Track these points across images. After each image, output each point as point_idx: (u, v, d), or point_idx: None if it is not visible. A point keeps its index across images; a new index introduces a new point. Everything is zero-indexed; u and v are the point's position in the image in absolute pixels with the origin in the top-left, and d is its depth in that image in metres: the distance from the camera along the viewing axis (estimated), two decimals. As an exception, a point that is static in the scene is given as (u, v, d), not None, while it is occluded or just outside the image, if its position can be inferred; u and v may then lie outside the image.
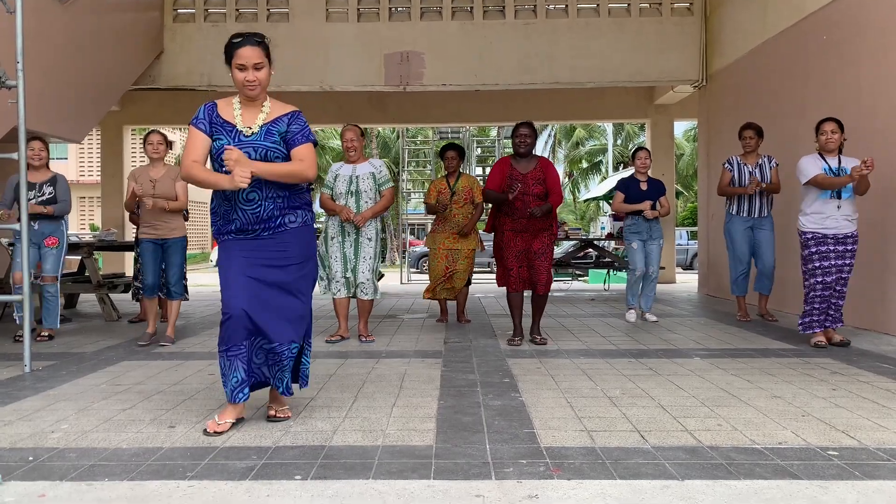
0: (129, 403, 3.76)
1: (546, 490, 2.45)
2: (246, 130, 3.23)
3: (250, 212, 3.23)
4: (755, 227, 6.82)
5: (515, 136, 5.64)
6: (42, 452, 2.91)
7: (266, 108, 3.28)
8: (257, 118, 3.25)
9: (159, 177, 5.81)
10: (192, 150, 3.23)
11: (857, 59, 6.50)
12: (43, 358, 5.15)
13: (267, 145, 3.23)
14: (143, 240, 5.83)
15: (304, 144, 3.26)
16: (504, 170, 5.62)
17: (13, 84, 4.84)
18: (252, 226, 3.24)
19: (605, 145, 32.24)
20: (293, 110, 3.33)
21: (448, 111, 13.32)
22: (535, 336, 5.68)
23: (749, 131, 6.86)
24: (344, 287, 5.81)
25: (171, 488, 2.50)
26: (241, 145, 3.19)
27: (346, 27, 10.27)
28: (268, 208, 3.24)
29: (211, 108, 3.28)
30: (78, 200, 27.74)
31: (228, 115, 3.26)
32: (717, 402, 3.71)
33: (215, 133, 3.25)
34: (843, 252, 5.30)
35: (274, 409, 3.42)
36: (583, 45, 10.20)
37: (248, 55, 3.18)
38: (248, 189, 3.16)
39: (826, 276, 5.30)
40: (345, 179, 5.77)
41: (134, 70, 9.74)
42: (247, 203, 3.22)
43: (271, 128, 3.25)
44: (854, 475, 2.58)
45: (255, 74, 3.19)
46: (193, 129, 3.25)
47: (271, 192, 3.23)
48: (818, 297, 5.34)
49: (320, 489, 2.47)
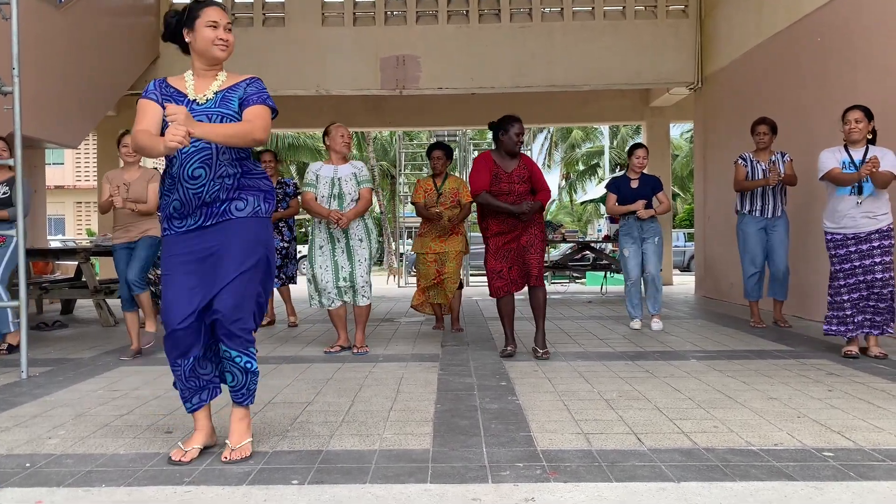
0: (126, 409, 3.77)
1: (542, 493, 2.46)
2: (200, 98, 2.95)
3: (193, 191, 2.86)
4: (768, 227, 6.51)
5: (513, 133, 5.29)
6: (39, 459, 2.91)
7: (221, 77, 3.01)
8: (211, 86, 2.98)
9: (133, 180, 5.56)
10: (141, 118, 2.93)
11: (852, 61, 6.53)
12: (40, 364, 5.14)
13: (222, 111, 2.93)
14: (117, 246, 5.60)
15: (257, 104, 2.93)
16: (489, 167, 5.31)
17: (9, 90, 4.84)
18: (193, 209, 2.89)
19: (601, 147, 32.28)
20: (251, 76, 3.05)
21: (444, 114, 13.34)
22: (539, 349, 5.19)
23: (763, 126, 6.56)
24: (337, 297, 5.54)
25: (167, 494, 2.50)
26: (194, 114, 2.88)
27: (342, 31, 10.29)
28: (212, 189, 2.88)
29: (161, 81, 3.04)
30: (74, 206, 27.75)
31: (180, 86, 3.01)
32: (713, 403, 3.72)
33: (166, 102, 2.94)
34: (870, 251, 4.89)
35: (230, 448, 2.93)
36: (578, 48, 10.23)
37: (221, 14, 2.97)
38: (195, 164, 2.85)
39: (848, 279, 4.96)
40: (327, 181, 5.49)
41: (130, 75, 9.75)
42: (191, 181, 2.86)
43: (228, 93, 2.97)
44: (849, 476, 2.59)
45: (228, 35, 2.96)
46: (143, 100, 2.97)
47: (221, 168, 2.89)
48: (847, 302, 4.97)
49: (317, 494, 2.48)
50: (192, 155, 2.86)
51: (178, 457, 2.89)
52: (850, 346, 5.04)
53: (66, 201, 27.58)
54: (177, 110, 2.66)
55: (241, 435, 2.96)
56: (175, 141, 2.58)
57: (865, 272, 4.91)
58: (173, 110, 2.66)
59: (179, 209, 2.90)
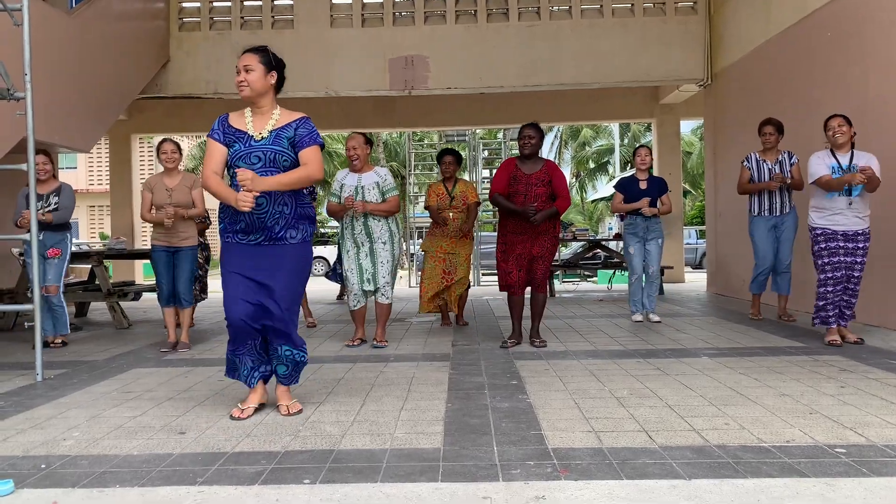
0: (140, 410, 3.80)
1: (553, 491, 2.46)
2: (256, 136, 3.49)
3: (257, 216, 3.47)
4: (777, 225, 6.65)
5: (520, 138, 5.63)
6: (54, 460, 2.94)
7: (276, 115, 3.56)
8: (267, 124, 3.52)
9: (174, 185, 5.87)
10: (210, 160, 3.52)
11: (862, 55, 6.48)
12: (55, 366, 5.19)
13: (276, 149, 3.48)
14: (156, 247, 5.90)
15: (310, 147, 3.51)
16: (510, 171, 5.61)
17: (21, 96, 4.89)
18: (256, 230, 3.51)
19: (612, 145, 32.16)
20: (301, 116, 3.58)
21: (453, 114, 13.34)
22: (535, 340, 5.67)
23: (769, 127, 6.67)
24: (362, 298, 5.80)
25: (181, 494, 2.52)
26: (252, 150, 3.47)
27: (350, 33, 10.31)
28: (273, 215, 3.49)
29: (223, 120, 3.57)
30: (87, 209, 27.93)
31: (240, 125, 3.54)
32: (724, 401, 3.71)
33: (229, 141, 3.52)
34: (854, 249, 5.30)
35: (284, 405, 3.62)
36: (587, 46, 10.20)
37: (241, 59, 3.52)
38: (259, 196, 3.39)
39: (836, 272, 5.30)
40: (350, 189, 5.70)
41: (141, 79, 9.81)
42: (256, 208, 3.41)
43: (280, 133, 3.51)
44: (862, 472, 2.58)
45: (245, 75, 3.48)
46: (210, 140, 3.55)
47: (279, 198, 3.49)
48: (829, 293, 5.34)
49: (329, 493, 2.49)
50: None
51: (237, 414, 3.53)
52: (831, 335, 5.42)
53: (80, 205, 27.66)
54: (245, 176, 3.31)
55: (289, 398, 3.68)
56: (246, 207, 3.32)
57: (847, 268, 5.30)
58: (243, 176, 3.32)
59: (245, 229, 3.52)
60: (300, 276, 3.61)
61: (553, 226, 5.64)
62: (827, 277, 5.32)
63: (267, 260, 3.52)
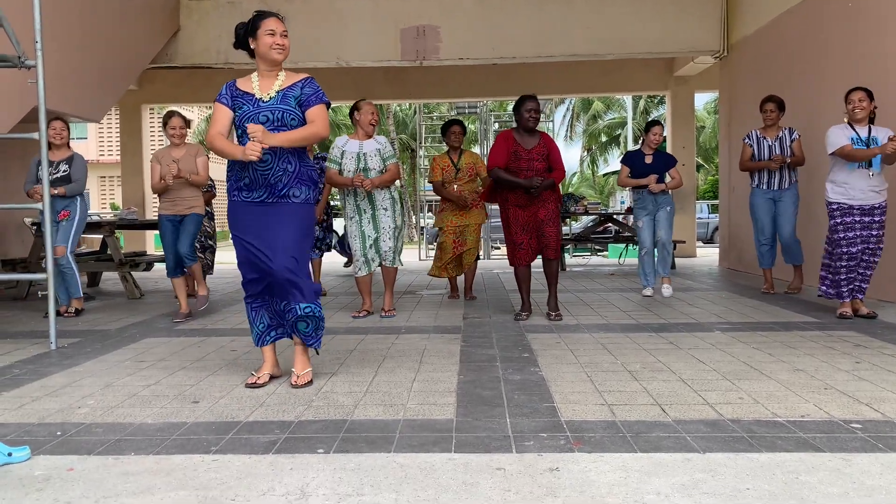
0: (153, 379, 3.82)
1: (567, 463, 2.46)
2: (264, 97, 3.58)
3: (261, 173, 3.54)
4: (776, 199, 6.74)
5: (524, 111, 5.52)
6: (70, 427, 2.96)
7: (281, 77, 3.65)
8: (274, 85, 3.61)
9: (181, 156, 5.97)
10: (215, 122, 3.62)
11: (882, 26, 6.35)
12: (68, 335, 5.22)
13: (283, 108, 3.57)
14: (163, 216, 5.97)
15: (316, 105, 3.60)
16: (509, 146, 5.54)
17: (32, 64, 4.86)
18: (260, 186, 3.56)
19: (624, 118, 31.88)
20: (306, 76, 3.68)
21: (465, 85, 13.22)
22: (551, 312, 5.59)
23: (770, 104, 6.75)
24: (365, 265, 5.80)
25: (195, 462, 2.53)
26: (261, 110, 3.56)
27: (361, 2, 10.19)
28: (277, 173, 3.55)
29: (231, 85, 3.67)
30: (98, 180, 28.01)
31: (247, 87, 3.63)
32: (738, 375, 3.69)
33: (237, 104, 3.61)
34: (870, 223, 5.26)
35: (295, 375, 3.64)
36: (600, 17, 10.05)
37: (277, 23, 3.59)
38: (264, 152, 3.48)
39: (851, 247, 5.26)
40: (352, 157, 5.71)
41: (151, 49, 9.75)
42: (260, 164, 3.52)
43: (287, 93, 3.60)
44: (878, 447, 2.56)
45: (284, 40, 3.59)
46: (217, 104, 3.64)
47: (283, 156, 3.56)
48: (844, 268, 5.30)
49: (342, 462, 2.50)
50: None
51: (252, 381, 3.61)
52: (844, 307, 5.42)
53: (91, 175, 27.57)
54: (256, 129, 3.41)
55: (304, 364, 3.67)
56: (254, 156, 3.39)
57: (863, 242, 5.27)
58: (253, 129, 3.42)
59: (249, 185, 3.58)
60: (304, 233, 3.64)
61: (552, 192, 5.63)
62: (842, 252, 5.28)
63: (269, 218, 3.57)
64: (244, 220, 3.62)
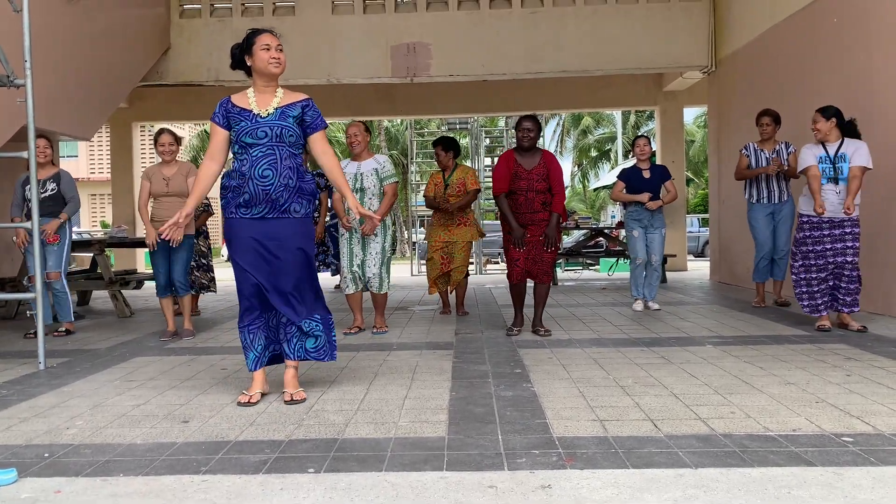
0: (143, 399, 3.79)
1: (559, 480, 2.45)
2: (262, 112, 3.58)
3: (262, 188, 3.53)
4: (775, 212, 6.80)
5: (519, 130, 5.58)
6: (57, 449, 2.93)
7: (279, 94, 3.65)
8: (272, 102, 3.61)
9: (171, 174, 5.89)
10: (210, 148, 3.67)
11: (867, 41, 6.43)
12: (57, 355, 5.18)
13: (282, 125, 3.58)
14: None
15: (319, 130, 3.69)
16: (510, 166, 5.56)
17: (21, 83, 4.85)
18: (260, 202, 3.55)
19: (614, 133, 32.06)
20: (305, 97, 3.69)
21: (455, 102, 13.28)
22: (539, 328, 5.63)
23: (766, 118, 6.80)
24: (352, 283, 5.82)
25: (185, 482, 2.51)
26: (258, 125, 3.56)
27: (352, 19, 10.25)
28: (278, 189, 3.54)
29: (226, 101, 3.65)
30: (88, 198, 27.90)
31: (244, 103, 3.62)
32: (730, 389, 3.69)
33: (233, 120, 3.60)
34: (842, 235, 5.31)
35: (289, 393, 3.63)
36: (590, 33, 10.13)
37: (272, 38, 3.62)
38: (264, 167, 3.52)
39: (818, 260, 5.35)
40: (350, 177, 5.74)
41: (141, 66, 9.76)
42: (261, 179, 3.52)
43: (286, 111, 3.61)
44: (869, 461, 2.57)
45: (279, 54, 3.61)
46: (213, 125, 3.65)
47: (284, 172, 3.56)
48: (815, 280, 5.40)
49: (333, 482, 2.48)
50: (260, 159, 3.53)
51: (244, 400, 3.58)
52: (822, 321, 5.48)
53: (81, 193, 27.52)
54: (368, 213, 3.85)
55: (295, 385, 3.67)
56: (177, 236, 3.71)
57: (836, 255, 5.32)
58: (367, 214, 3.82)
59: (248, 201, 3.55)
60: (307, 247, 3.67)
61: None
62: (810, 264, 5.39)
63: (270, 232, 3.57)
64: (244, 239, 3.59)
